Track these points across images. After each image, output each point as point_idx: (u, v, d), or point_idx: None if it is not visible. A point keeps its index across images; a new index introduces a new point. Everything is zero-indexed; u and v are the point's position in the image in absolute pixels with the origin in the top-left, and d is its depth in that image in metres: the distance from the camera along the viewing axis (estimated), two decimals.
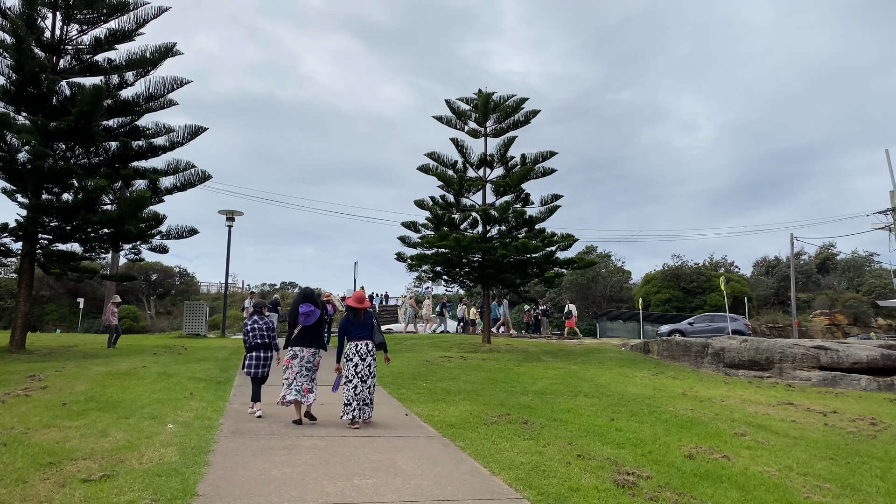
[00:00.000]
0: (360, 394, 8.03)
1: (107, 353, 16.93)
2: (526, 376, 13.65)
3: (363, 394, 8.06)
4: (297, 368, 8.20)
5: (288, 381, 8.19)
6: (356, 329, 8.25)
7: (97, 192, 15.02)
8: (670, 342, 17.89)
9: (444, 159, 18.92)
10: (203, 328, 24.88)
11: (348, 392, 8.05)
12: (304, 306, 8.24)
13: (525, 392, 11.63)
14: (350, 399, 8.04)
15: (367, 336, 8.24)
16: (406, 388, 11.66)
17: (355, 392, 8.03)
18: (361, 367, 8.10)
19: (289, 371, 8.22)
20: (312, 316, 8.27)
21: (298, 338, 8.35)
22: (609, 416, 9.74)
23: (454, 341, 20.07)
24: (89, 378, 11.65)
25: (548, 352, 18.26)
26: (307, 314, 8.23)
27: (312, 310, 8.26)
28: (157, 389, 10.56)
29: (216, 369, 13.55)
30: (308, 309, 8.23)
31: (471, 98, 19.57)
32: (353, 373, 8.09)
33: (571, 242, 18.19)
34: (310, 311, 8.24)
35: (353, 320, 8.30)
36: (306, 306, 8.25)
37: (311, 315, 8.26)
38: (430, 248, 18.78)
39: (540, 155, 18.62)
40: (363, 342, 8.20)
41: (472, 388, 11.74)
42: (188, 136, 17.46)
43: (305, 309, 8.23)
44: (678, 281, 47.22)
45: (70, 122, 15.37)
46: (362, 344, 8.18)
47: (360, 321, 8.29)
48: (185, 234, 18.13)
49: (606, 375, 14.47)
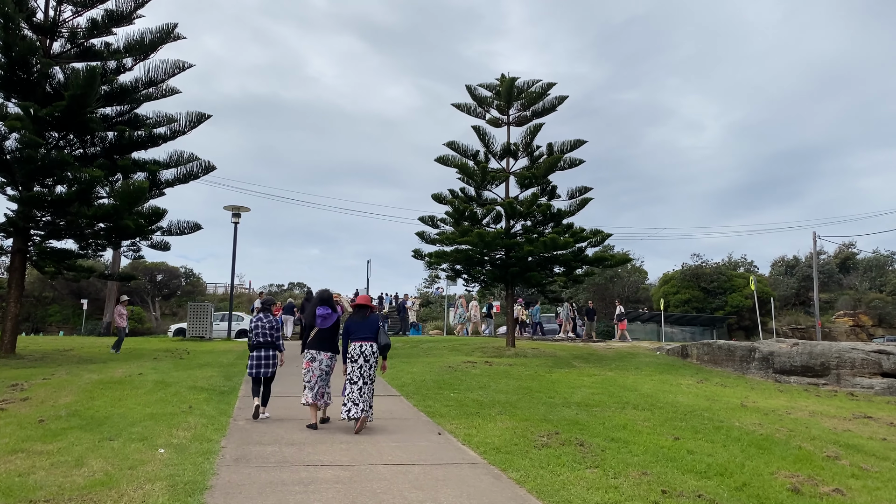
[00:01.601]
0: (364, 395, 7.85)
1: (102, 358, 15.69)
2: (562, 385, 12.32)
3: (366, 395, 7.87)
4: (318, 372, 8.09)
5: (310, 384, 8.02)
6: (360, 329, 8.06)
7: (91, 183, 13.79)
8: (712, 346, 16.51)
9: (464, 149, 17.60)
10: (208, 330, 23.64)
11: (352, 393, 7.83)
12: (322, 309, 8.19)
13: (566, 404, 10.31)
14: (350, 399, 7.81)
15: (370, 337, 8.03)
16: (432, 399, 10.35)
17: (360, 393, 7.83)
18: (364, 367, 7.91)
19: (309, 374, 8.07)
20: (329, 319, 8.19)
21: (315, 341, 8.20)
22: (671, 433, 8.42)
23: (475, 345, 18.75)
24: (78, 388, 10.40)
25: (577, 356, 16.92)
26: (324, 317, 8.16)
27: (329, 313, 8.19)
28: (152, 402, 9.29)
29: (220, 376, 12.28)
30: (325, 312, 8.17)
31: (493, 84, 18.25)
32: (358, 374, 7.88)
33: (603, 238, 16.82)
34: (327, 314, 8.17)
35: (358, 321, 8.12)
36: (323, 309, 8.19)
37: (329, 318, 8.18)
38: (449, 245, 17.48)
39: (568, 144, 17.28)
40: (367, 343, 7.98)
41: (507, 400, 10.42)
42: (190, 123, 16.21)
43: (323, 312, 8.17)
44: (698, 281, 45.73)
45: (63, 108, 14.15)
46: (366, 345, 7.97)
47: (363, 322, 8.10)
48: (187, 229, 16.89)
49: (649, 383, 13.13)
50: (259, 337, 8.61)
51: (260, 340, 8.59)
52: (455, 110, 18.20)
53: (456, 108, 18.34)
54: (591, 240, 16.72)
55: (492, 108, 18.34)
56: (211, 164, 16.28)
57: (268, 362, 8.58)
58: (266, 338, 8.62)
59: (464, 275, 18.23)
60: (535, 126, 17.12)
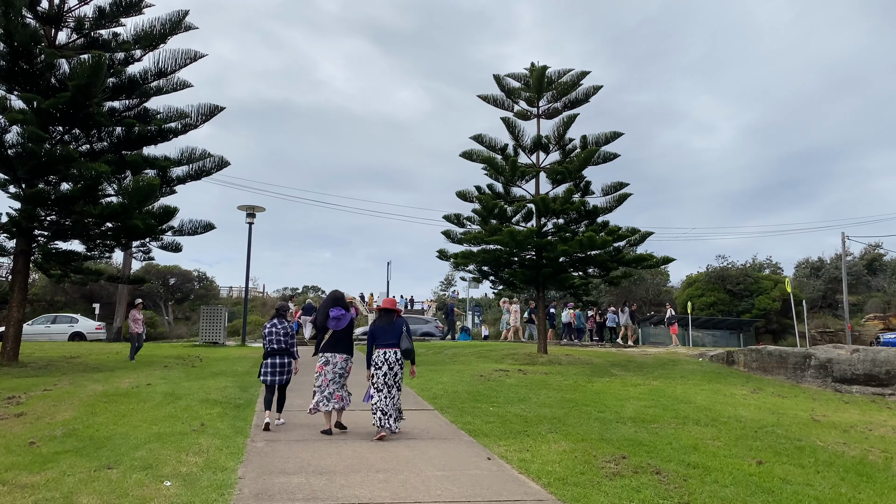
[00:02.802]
0: (389, 402, 7.58)
1: (110, 365, 14.77)
2: (608, 396, 11.22)
3: (391, 401, 7.60)
4: (331, 376, 7.79)
5: (321, 388, 7.75)
6: (385, 335, 7.76)
7: (97, 180, 12.87)
8: (761, 352, 15.33)
9: (492, 142, 16.53)
10: (221, 336, 22.70)
11: (381, 401, 7.56)
12: (335, 310, 7.91)
13: (620, 419, 9.22)
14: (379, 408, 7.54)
15: (395, 343, 7.73)
16: (470, 413, 9.29)
17: (387, 401, 7.55)
18: (389, 375, 7.61)
19: (321, 378, 7.79)
20: (343, 320, 7.92)
21: (329, 343, 7.93)
22: (750, 455, 7.34)
23: (504, 351, 17.66)
24: (79, 401, 9.44)
25: (615, 364, 15.79)
26: (338, 318, 7.88)
27: (343, 314, 7.93)
28: (160, 418, 8.31)
29: (235, 387, 11.29)
30: (339, 313, 7.90)
31: (520, 74, 17.19)
32: (383, 382, 7.59)
33: (643, 237, 15.68)
34: (340, 315, 7.90)
35: (383, 325, 7.82)
36: (337, 310, 7.91)
37: (342, 319, 7.91)
38: (476, 245, 16.42)
39: (603, 136, 16.18)
40: (391, 350, 7.69)
41: (553, 415, 9.34)
42: (202, 117, 15.27)
43: (336, 313, 7.89)
44: (723, 283, 44.37)
45: (67, 99, 13.26)
46: (391, 352, 7.68)
47: (389, 326, 7.80)
48: (199, 229, 15.95)
49: (700, 394, 12.00)
50: (273, 343, 8.21)
51: (274, 347, 8.19)
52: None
53: (483, 100, 17.29)
54: (630, 238, 15.59)
55: (520, 99, 17.28)
56: (224, 160, 15.34)
57: (282, 370, 8.19)
58: (280, 344, 8.22)
59: (491, 277, 17.16)
60: (569, 117, 16.03)
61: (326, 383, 7.76)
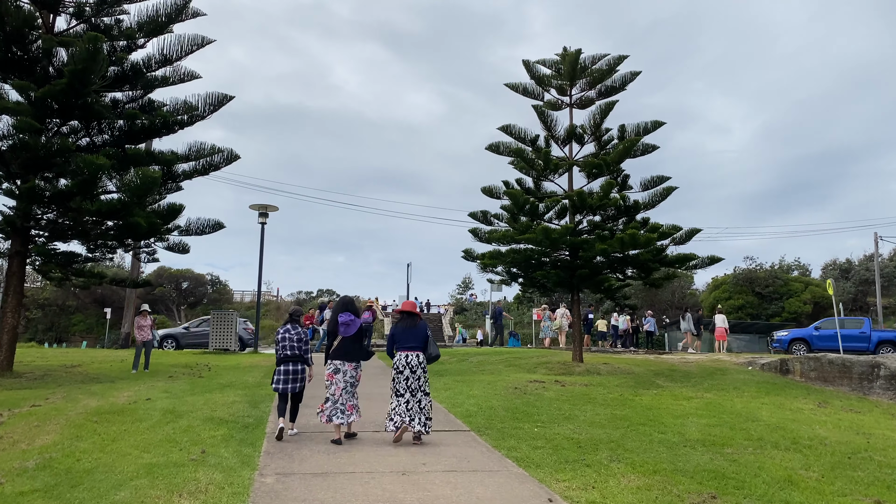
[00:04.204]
0: (411, 409, 7.32)
1: (111, 376, 13.67)
2: (662, 413, 9.92)
3: (414, 408, 7.33)
4: (343, 384, 7.54)
5: (334, 397, 7.50)
6: (406, 337, 7.56)
7: (94, 173, 11.77)
8: (821, 360, 13.94)
9: (521, 133, 15.27)
10: (232, 342, 21.60)
11: (398, 406, 7.36)
12: (344, 315, 7.66)
13: (686, 442, 7.94)
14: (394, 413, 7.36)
15: (417, 347, 7.53)
16: (512, 436, 8.04)
17: (407, 406, 7.33)
18: (412, 379, 7.38)
19: (334, 387, 7.53)
20: (353, 326, 7.66)
21: (339, 350, 7.64)
22: (860, 491, 6.09)
23: (534, 359, 16.38)
24: (67, 420, 8.30)
25: (657, 373, 14.46)
26: (347, 324, 7.63)
27: (352, 319, 7.67)
28: (155, 443, 7.13)
29: (244, 402, 10.12)
30: (348, 318, 7.65)
31: (551, 60, 15.94)
32: (405, 387, 7.36)
33: (690, 234, 14.32)
34: (349, 321, 7.64)
35: (405, 328, 7.60)
36: (346, 315, 7.66)
37: (352, 325, 7.65)
38: (505, 244, 15.17)
39: (642, 126, 14.88)
40: (413, 353, 7.49)
41: (608, 437, 8.07)
42: (210, 107, 14.16)
43: (345, 318, 7.64)
44: (751, 285, 42.78)
45: (63, 87, 12.19)
46: (413, 355, 7.47)
47: (411, 329, 7.59)
48: (207, 228, 14.84)
49: (764, 409, 10.66)
50: (286, 350, 7.87)
51: (287, 354, 7.86)
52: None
53: (511, 88, 16.04)
54: (674, 235, 14.26)
55: (551, 87, 16.02)
56: (234, 153, 14.20)
57: (295, 377, 7.84)
58: (293, 351, 7.88)
59: (520, 279, 15.89)
60: (608, 104, 14.71)
61: (339, 392, 7.51)
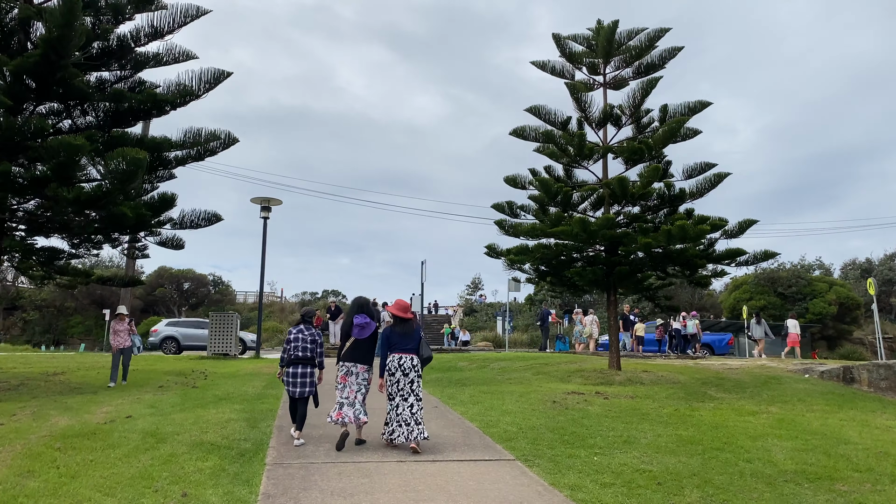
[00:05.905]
0: (401, 413, 7.10)
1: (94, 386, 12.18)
2: (734, 433, 8.37)
3: (404, 414, 7.09)
4: (356, 387, 7.34)
5: (348, 399, 7.30)
6: (401, 340, 7.36)
7: (70, 155, 10.29)
8: (891, 368, 12.39)
9: (550, 116, 13.71)
10: (233, 346, 20.11)
11: (391, 412, 7.18)
12: (359, 317, 7.43)
13: (783, 475, 6.41)
14: (390, 419, 7.16)
15: (412, 349, 7.31)
16: (568, 465, 6.50)
17: (397, 412, 7.13)
18: (403, 382, 7.17)
19: (347, 390, 7.35)
20: (368, 328, 7.42)
21: (351, 353, 7.41)
22: None
23: (563, 366, 14.82)
24: (23, 447, 6.80)
25: (704, 382, 12.91)
26: (362, 326, 7.39)
27: (368, 322, 7.43)
28: (124, 481, 5.62)
29: (241, 420, 8.62)
30: (363, 320, 7.41)
31: (584, 36, 14.42)
32: (395, 390, 7.19)
33: (744, 226, 12.71)
34: (365, 323, 7.40)
35: (398, 330, 7.41)
36: (361, 317, 7.42)
37: (367, 328, 7.41)
38: (533, 238, 13.65)
39: (687, 107, 13.34)
40: (407, 355, 7.28)
41: (686, 468, 6.53)
42: (205, 85, 12.65)
43: (360, 320, 7.40)
44: (773, 286, 41.20)
45: (38, 58, 10.72)
46: (406, 357, 7.26)
47: (405, 332, 7.39)
48: (202, 221, 13.36)
49: (847, 427, 9.10)
50: (298, 351, 7.52)
51: (298, 355, 7.50)
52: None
53: (539, 67, 14.48)
54: (725, 228, 12.68)
55: (582, 66, 14.49)
56: (232, 136, 12.69)
57: (304, 380, 7.50)
58: (306, 352, 7.55)
59: (549, 277, 14.35)
60: (649, 82, 13.11)
61: (353, 395, 7.31)
